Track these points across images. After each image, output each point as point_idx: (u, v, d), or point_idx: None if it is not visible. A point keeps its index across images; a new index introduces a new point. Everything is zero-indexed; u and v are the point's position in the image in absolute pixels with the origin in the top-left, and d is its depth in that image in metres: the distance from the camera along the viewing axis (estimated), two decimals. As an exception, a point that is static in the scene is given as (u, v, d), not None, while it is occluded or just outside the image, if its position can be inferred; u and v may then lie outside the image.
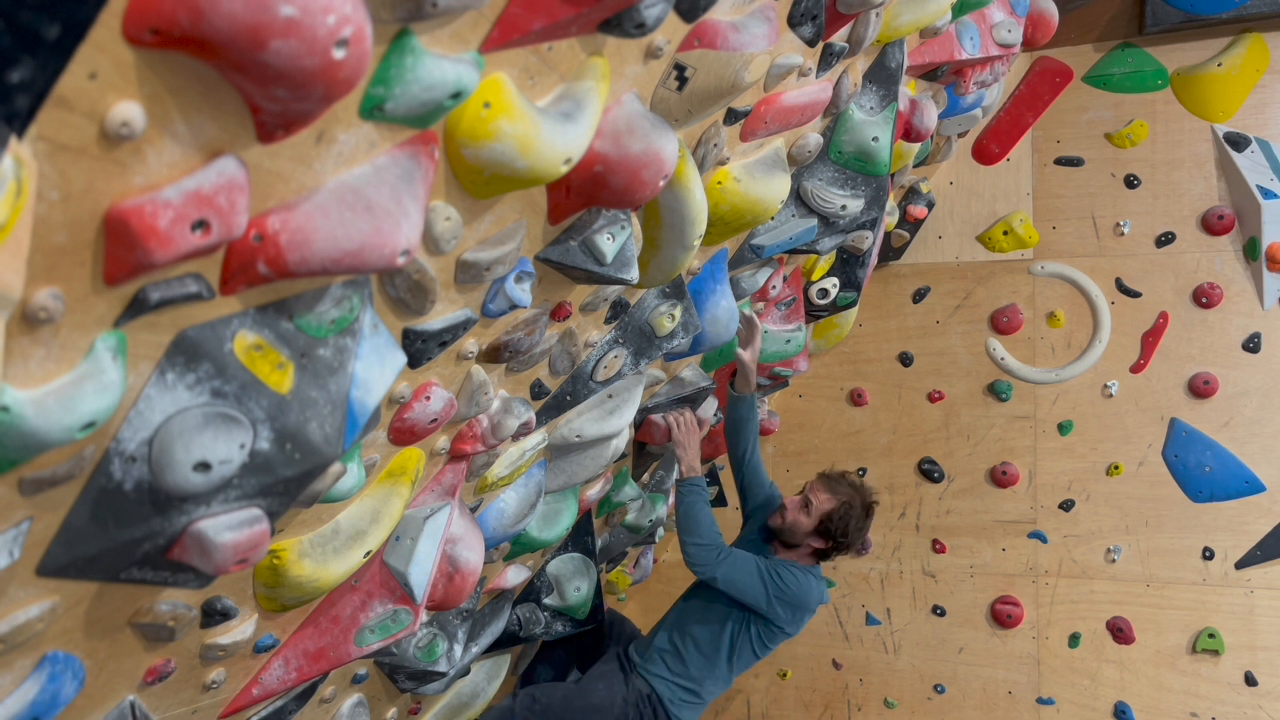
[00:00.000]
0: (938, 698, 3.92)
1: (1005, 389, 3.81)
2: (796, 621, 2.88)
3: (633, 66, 1.60)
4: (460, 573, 2.11)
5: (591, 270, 1.80)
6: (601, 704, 2.82)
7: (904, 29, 2.37)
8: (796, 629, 2.92)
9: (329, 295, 1.29)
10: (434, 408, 1.74)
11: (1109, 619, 3.71)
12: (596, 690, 2.87)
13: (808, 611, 2.89)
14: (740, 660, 2.92)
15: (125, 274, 0.99)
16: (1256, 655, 3.55)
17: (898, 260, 3.96)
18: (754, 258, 2.64)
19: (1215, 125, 3.55)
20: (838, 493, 2.86)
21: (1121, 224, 3.67)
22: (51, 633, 1.30)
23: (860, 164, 2.58)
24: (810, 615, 2.92)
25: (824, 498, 2.85)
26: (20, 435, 0.95)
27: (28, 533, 1.13)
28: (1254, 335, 3.53)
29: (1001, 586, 3.85)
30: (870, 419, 4.03)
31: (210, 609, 1.59)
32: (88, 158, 0.89)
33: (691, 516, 2.88)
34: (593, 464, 2.55)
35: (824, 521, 2.82)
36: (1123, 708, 3.67)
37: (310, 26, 0.89)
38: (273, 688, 1.90)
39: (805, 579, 2.84)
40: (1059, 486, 3.78)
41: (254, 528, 1.30)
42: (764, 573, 2.82)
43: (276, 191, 1.11)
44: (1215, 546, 3.59)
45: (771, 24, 1.81)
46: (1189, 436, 3.61)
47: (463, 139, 1.32)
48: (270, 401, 1.23)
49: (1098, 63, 3.70)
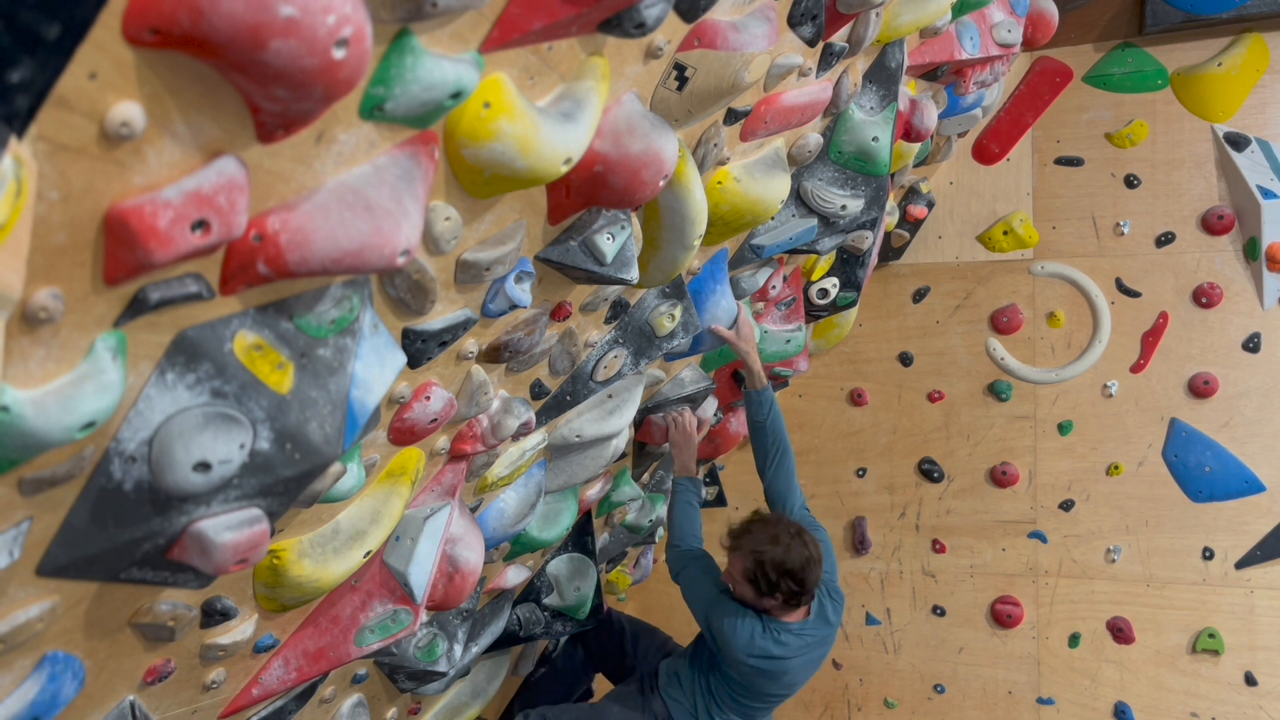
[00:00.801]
0: (938, 698, 3.92)
1: (1005, 389, 3.81)
2: (735, 666, 2.56)
3: (633, 66, 1.60)
4: (460, 573, 2.11)
5: (591, 270, 1.80)
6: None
7: (904, 29, 2.37)
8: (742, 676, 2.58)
9: (329, 295, 1.28)
10: (434, 408, 1.74)
11: (1109, 619, 3.71)
12: (611, 712, 2.77)
13: (739, 658, 2.53)
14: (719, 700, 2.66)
15: (125, 274, 0.99)
16: (1256, 655, 3.55)
17: (898, 260, 3.96)
18: (754, 258, 2.64)
19: (1215, 125, 3.55)
20: (741, 551, 2.52)
21: (1121, 224, 3.67)
22: (51, 633, 1.30)
23: (860, 164, 2.58)
24: (753, 664, 2.53)
25: (734, 559, 2.54)
26: (20, 435, 0.95)
27: (28, 533, 1.13)
28: (1254, 335, 3.53)
29: (1001, 586, 3.85)
30: (870, 419, 4.03)
31: (210, 609, 1.59)
32: (88, 158, 0.89)
33: (672, 516, 2.84)
34: (593, 464, 2.55)
35: (753, 575, 2.48)
36: (1123, 708, 3.67)
37: (310, 26, 0.89)
38: (273, 688, 1.90)
39: (739, 626, 2.52)
40: (1059, 486, 3.78)
41: (254, 528, 1.30)
42: (710, 600, 2.61)
43: (276, 191, 1.11)
44: (1215, 546, 3.59)
45: (771, 24, 1.81)
46: (1189, 436, 3.61)
47: (463, 139, 1.32)
48: (270, 401, 1.23)
49: (1098, 63, 3.70)
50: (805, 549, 2.48)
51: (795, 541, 2.48)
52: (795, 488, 2.76)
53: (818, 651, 2.62)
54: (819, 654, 2.63)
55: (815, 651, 2.61)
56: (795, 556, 2.45)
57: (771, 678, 2.57)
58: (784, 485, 2.75)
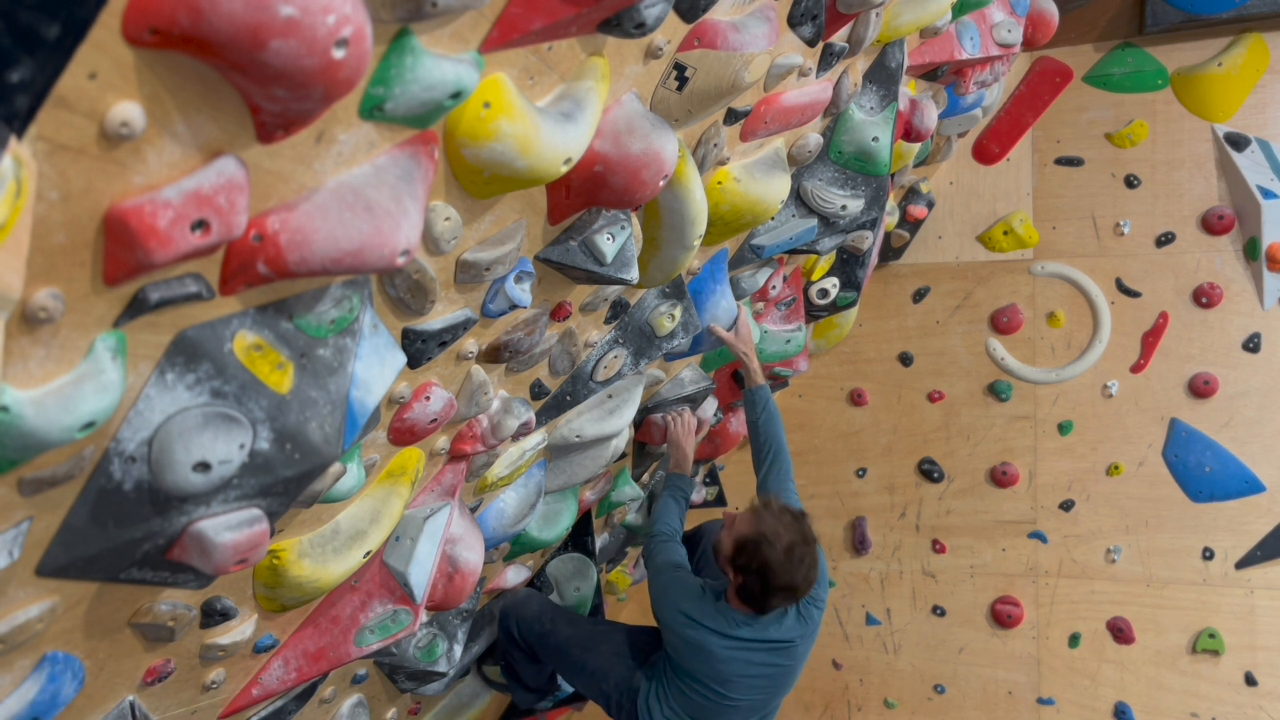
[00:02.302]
0: (938, 698, 3.92)
1: (1005, 389, 3.81)
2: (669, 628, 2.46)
3: (633, 66, 1.60)
4: (460, 573, 2.11)
5: (591, 270, 1.80)
6: (596, 671, 2.68)
7: (904, 29, 2.37)
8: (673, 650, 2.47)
9: (329, 295, 1.28)
10: (434, 408, 1.74)
11: (1109, 619, 3.71)
12: (600, 654, 2.69)
13: (664, 619, 2.46)
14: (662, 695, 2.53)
15: (125, 274, 0.99)
16: (1256, 655, 3.55)
17: (898, 260, 3.96)
18: (754, 258, 2.64)
19: (1215, 125, 3.55)
20: (761, 520, 2.35)
21: (1121, 224, 3.67)
22: (51, 633, 1.30)
23: (860, 164, 2.58)
24: (683, 625, 2.41)
25: (745, 519, 2.38)
26: (20, 435, 0.95)
27: (28, 533, 1.13)
28: (1254, 335, 3.53)
29: (1001, 586, 3.85)
30: (870, 419, 4.03)
31: (210, 609, 1.59)
32: (87, 158, 0.89)
33: (656, 506, 2.84)
34: (593, 464, 2.55)
35: (735, 546, 2.35)
36: (1123, 708, 3.67)
37: (310, 26, 0.89)
38: (272, 688, 1.90)
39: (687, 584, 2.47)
40: (1059, 486, 3.78)
41: (254, 528, 1.30)
42: (669, 568, 2.55)
43: (276, 191, 1.11)
44: (1215, 546, 3.59)
45: (771, 24, 1.81)
46: (1189, 436, 3.61)
47: (463, 139, 1.32)
48: (270, 401, 1.23)
49: (1098, 63, 3.70)
50: (797, 572, 2.32)
51: (799, 562, 2.32)
52: (789, 492, 2.67)
53: (761, 658, 2.43)
54: (765, 661, 2.44)
55: (757, 656, 2.43)
56: (783, 572, 2.30)
57: (702, 655, 2.41)
58: (776, 486, 2.69)
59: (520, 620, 2.84)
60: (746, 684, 2.45)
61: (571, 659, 2.77)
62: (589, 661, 2.72)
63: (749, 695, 2.48)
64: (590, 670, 2.71)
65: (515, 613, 2.85)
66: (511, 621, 2.85)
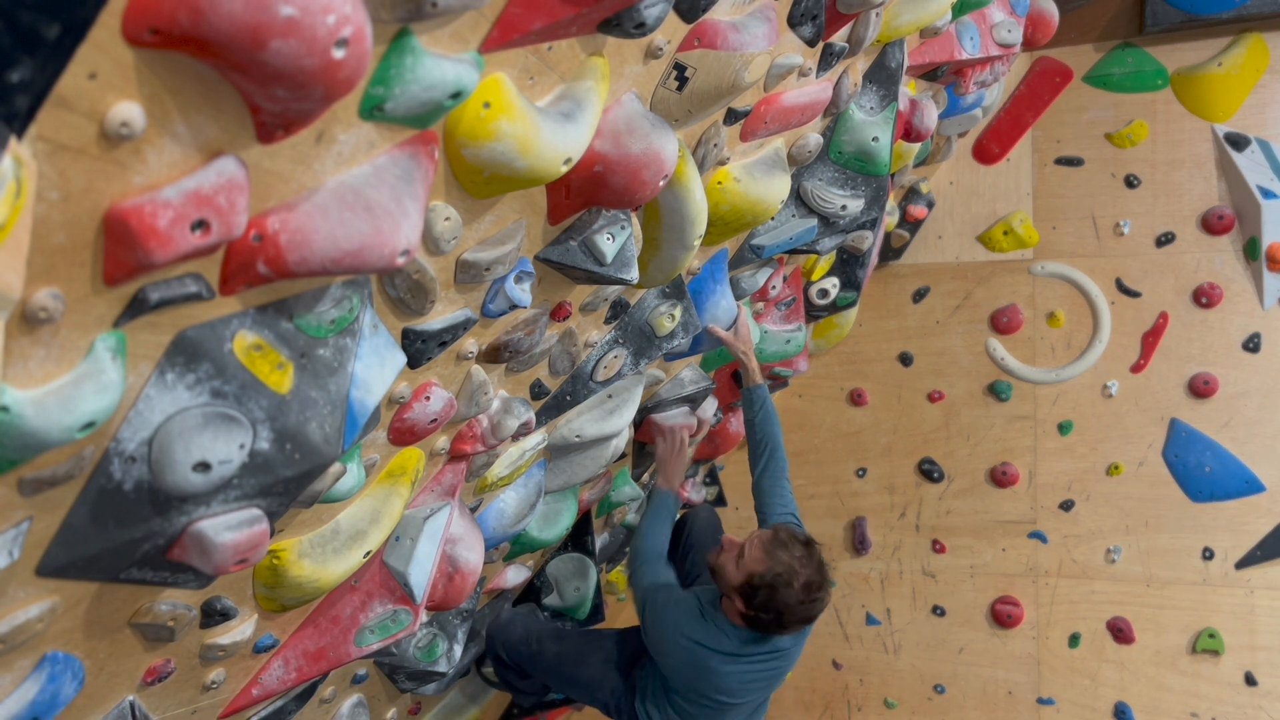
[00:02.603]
0: (938, 698, 3.92)
1: (1005, 389, 3.81)
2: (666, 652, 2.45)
3: (633, 66, 1.60)
4: (460, 573, 2.11)
5: (591, 270, 1.80)
6: (590, 683, 2.69)
7: (904, 29, 2.37)
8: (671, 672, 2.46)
9: (329, 295, 1.29)
10: (434, 408, 1.74)
11: (1109, 619, 3.71)
12: (591, 665, 2.70)
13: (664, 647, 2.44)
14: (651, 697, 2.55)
15: (125, 274, 0.99)
16: (1256, 655, 3.55)
17: (898, 260, 3.96)
18: (754, 258, 2.64)
19: (1215, 125, 3.55)
20: (775, 558, 2.28)
21: (1121, 224, 3.67)
22: (51, 633, 1.30)
23: (860, 164, 2.58)
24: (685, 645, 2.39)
25: (758, 556, 2.31)
26: (20, 435, 0.95)
27: (28, 533, 1.13)
28: (1254, 335, 3.53)
29: (1001, 586, 3.85)
30: (870, 419, 4.03)
31: (210, 609, 1.59)
32: (87, 158, 0.89)
33: (640, 525, 2.78)
34: (593, 464, 2.55)
35: (747, 583, 2.29)
36: (1123, 708, 3.67)
37: (310, 26, 0.89)
38: (272, 688, 1.90)
39: (682, 603, 2.45)
40: (1059, 486, 3.78)
41: (254, 528, 1.30)
42: (658, 586, 2.53)
43: (276, 191, 1.11)
44: (1215, 546, 3.59)
45: (771, 24, 1.81)
46: (1189, 436, 3.61)
47: (463, 139, 1.32)
48: (270, 401, 1.23)
49: (1098, 63, 3.70)
50: (814, 608, 2.32)
51: (815, 600, 2.31)
52: (784, 491, 2.65)
53: (761, 666, 2.45)
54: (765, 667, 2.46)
55: (758, 665, 2.44)
56: (800, 610, 2.30)
57: (704, 673, 2.41)
58: (769, 485, 2.66)
59: (506, 645, 2.86)
60: (746, 690, 2.49)
61: (563, 674, 2.79)
62: (580, 674, 2.75)
63: (747, 697, 2.52)
64: (584, 683, 2.74)
65: (500, 637, 2.87)
66: (498, 646, 2.87)
